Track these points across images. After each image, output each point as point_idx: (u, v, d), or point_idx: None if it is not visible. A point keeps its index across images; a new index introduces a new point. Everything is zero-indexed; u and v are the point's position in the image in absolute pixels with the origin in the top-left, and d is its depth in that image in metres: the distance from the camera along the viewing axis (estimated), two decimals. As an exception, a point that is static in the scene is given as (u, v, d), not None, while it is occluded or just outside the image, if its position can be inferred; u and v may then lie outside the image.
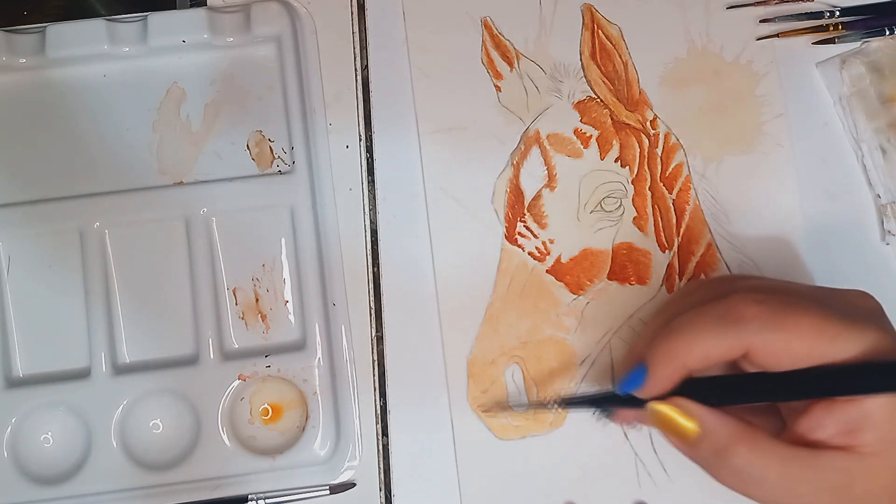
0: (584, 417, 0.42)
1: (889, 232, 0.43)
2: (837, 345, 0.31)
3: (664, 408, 0.34)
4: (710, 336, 0.33)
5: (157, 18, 0.44)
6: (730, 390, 0.34)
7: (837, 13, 0.45)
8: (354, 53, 0.45)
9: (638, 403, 0.35)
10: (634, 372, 0.34)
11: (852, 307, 0.33)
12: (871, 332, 0.31)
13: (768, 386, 0.33)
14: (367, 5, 0.45)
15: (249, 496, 0.41)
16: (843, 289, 0.35)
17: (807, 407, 0.32)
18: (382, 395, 0.43)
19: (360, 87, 0.45)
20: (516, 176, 0.44)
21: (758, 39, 0.45)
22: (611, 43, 0.45)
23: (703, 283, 0.36)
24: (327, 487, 0.41)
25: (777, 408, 0.35)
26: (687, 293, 0.37)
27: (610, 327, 0.43)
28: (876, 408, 0.31)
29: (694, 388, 0.34)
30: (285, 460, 0.41)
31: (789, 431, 0.33)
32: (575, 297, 0.43)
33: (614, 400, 0.37)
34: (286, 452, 0.41)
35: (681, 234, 0.43)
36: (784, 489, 0.32)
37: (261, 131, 0.45)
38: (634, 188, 0.44)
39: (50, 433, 0.42)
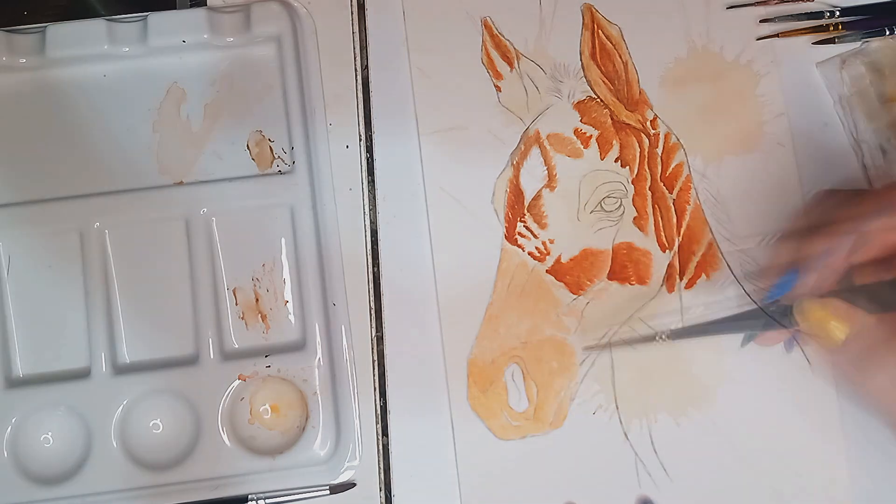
0: (584, 417, 0.42)
1: (889, 232, 0.43)
2: None
3: (816, 307, 0.33)
4: (872, 222, 0.32)
5: (157, 18, 0.44)
6: (884, 293, 0.34)
7: (837, 13, 0.45)
8: (354, 53, 0.45)
9: (772, 320, 0.35)
10: (785, 277, 0.34)
11: None
12: None
13: None
14: (367, 5, 0.45)
15: (249, 496, 0.41)
16: None
17: None
18: (382, 395, 0.43)
19: (360, 87, 0.45)
20: (516, 176, 0.44)
21: (758, 39, 0.45)
22: (611, 43, 0.45)
23: (837, 191, 0.36)
24: (327, 487, 0.41)
25: None
26: (817, 200, 0.37)
27: (610, 327, 0.43)
28: None
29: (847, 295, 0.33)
30: (285, 460, 0.41)
31: None
32: (575, 297, 0.43)
33: (735, 322, 0.36)
34: (286, 452, 0.41)
35: (681, 233, 0.43)
36: None
37: (261, 131, 0.45)
38: (634, 188, 0.44)
39: (50, 433, 0.42)
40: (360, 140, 0.45)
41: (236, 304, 0.43)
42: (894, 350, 0.32)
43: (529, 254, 0.43)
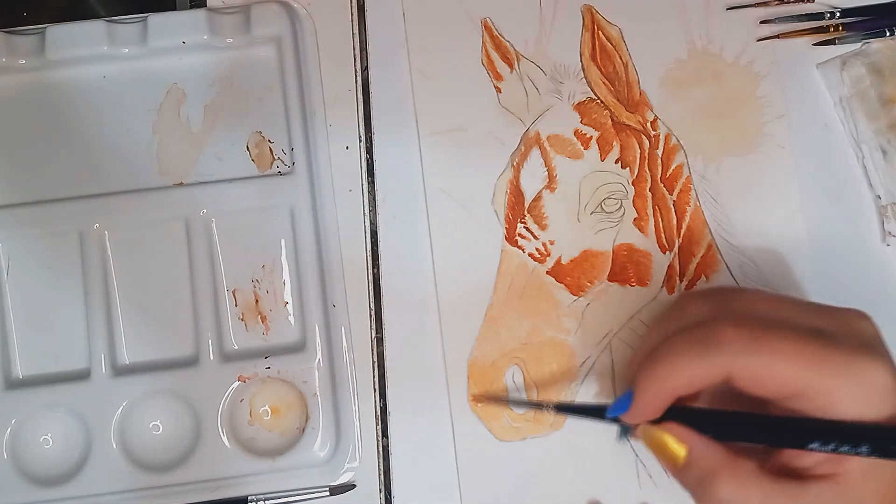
0: (585, 419, 0.42)
1: (889, 233, 0.43)
2: (823, 370, 0.31)
3: (655, 430, 0.35)
4: (691, 360, 0.33)
5: (156, 19, 0.44)
6: (720, 424, 0.34)
7: (838, 14, 0.45)
8: (354, 54, 0.45)
9: (628, 428, 0.36)
10: (622, 397, 0.35)
11: (846, 330, 0.33)
12: (862, 359, 0.31)
13: (767, 429, 0.33)
14: (367, 6, 0.45)
15: (249, 497, 0.41)
16: (839, 308, 0.34)
17: None
18: (382, 396, 0.43)
19: (360, 88, 0.45)
20: (516, 177, 0.44)
21: (758, 40, 0.45)
22: (611, 44, 0.45)
23: (692, 299, 0.36)
24: (327, 489, 0.41)
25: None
26: (674, 311, 0.37)
27: (610, 329, 0.43)
28: None
29: (688, 417, 0.34)
30: (285, 461, 0.41)
31: (775, 458, 0.33)
32: (575, 298, 0.43)
33: (604, 417, 0.37)
34: (286, 454, 0.41)
35: (681, 235, 0.43)
36: None
37: (261, 132, 0.45)
38: (635, 189, 0.44)
39: (50, 434, 0.42)
40: (360, 141, 0.44)
41: (236, 306, 0.43)
42: (723, 479, 0.32)
43: (530, 255, 0.43)
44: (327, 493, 0.41)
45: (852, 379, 0.31)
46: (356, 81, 0.45)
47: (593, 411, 0.38)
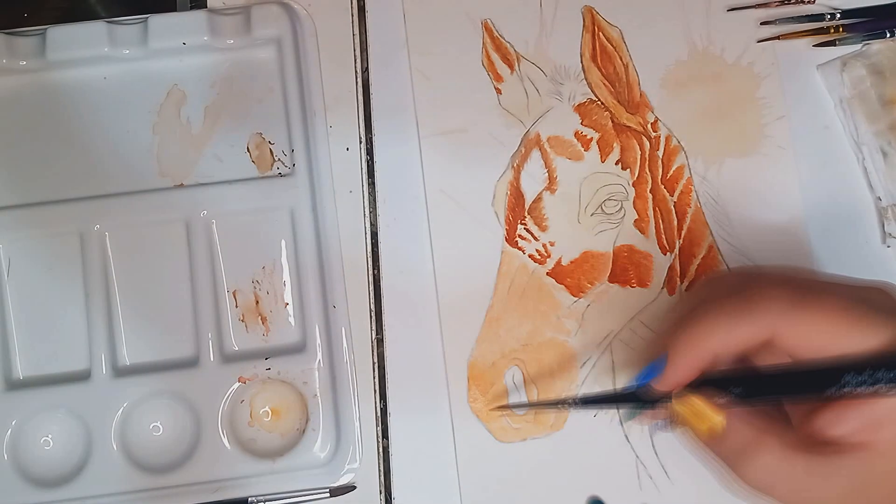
0: (585, 419, 0.42)
1: (889, 234, 0.43)
2: (860, 332, 0.30)
3: (691, 397, 0.33)
4: (733, 321, 0.32)
5: (157, 20, 0.44)
6: (759, 384, 0.33)
7: (838, 15, 0.45)
8: (355, 55, 0.45)
9: (660, 401, 0.34)
10: (654, 363, 0.34)
11: (872, 300, 0.32)
12: (893, 325, 0.31)
13: (798, 379, 0.32)
14: (367, 7, 0.45)
15: (249, 499, 0.41)
16: (863, 280, 0.34)
17: (824, 403, 0.32)
18: (383, 397, 0.43)
19: (360, 89, 0.45)
20: (517, 178, 0.44)
21: (759, 42, 0.45)
22: (611, 45, 0.45)
23: (721, 273, 0.36)
24: (327, 490, 0.41)
25: (784, 412, 0.35)
26: (708, 283, 0.37)
27: (611, 330, 0.43)
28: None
29: (720, 385, 0.33)
30: (285, 463, 0.41)
31: (805, 427, 0.32)
32: (575, 299, 0.43)
33: (634, 398, 0.36)
34: (286, 455, 0.41)
35: (682, 236, 0.43)
36: (802, 491, 0.31)
37: (261, 134, 0.45)
38: (635, 190, 0.44)
39: (50, 435, 0.42)
40: (361, 142, 0.44)
41: (236, 307, 0.43)
42: (763, 450, 0.32)
43: (530, 256, 0.43)
44: (327, 495, 0.41)
45: (890, 338, 0.30)
46: (356, 82, 0.45)
47: (620, 397, 0.37)
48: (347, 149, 0.44)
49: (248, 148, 0.44)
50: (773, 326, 0.31)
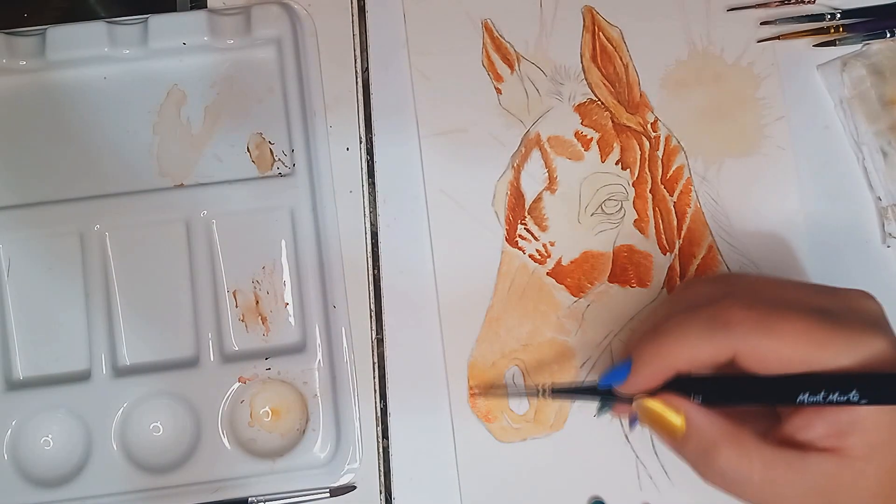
0: (585, 420, 0.42)
1: (890, 234, 0.43)
2: (829, 351, 0.31)
3: (652, 402, 0.34)
4: (697, 338, 0.33)
5: (157, 21, 0.44)
6: (720, 390, 0.34)
7: (838, 15, 0.45)
8: (355, 56, 0.45)
9: (624, 399, 0.35)
10: (619, 366, 0.35)
11: (851, 310, 0.33)
12: (869, 338, 0.31)
13: (758, 389, 0.33)
14: (367, 7, 0.45)
15: (249, 499, 0.41)
16: (843, 289, 0.35)
17: (796, 408, 0.32)
18: (383, 397, 0.43)
19: (360, 89, 0.45)
20: (517, 178, 0.44)
21: (759, 42, 0.45)
22: (611, 45, 0.45)
23: (699, 282, 0.36)
24: (328, 490, 0.41)
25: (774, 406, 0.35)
26: (681, 292, 0.37)
27: (611, 330, 0.43)
28: (866, 412, 0.31)
29: (685, 386, 0.34)
30: (285, 463, 0.41)
31: (778, 430, 0.33)
32: (576, 299, 0.43)
33: (600, 393, 0.36)
34: (286, 455, 0.41)
35: (682, 236, 0.43)
36: (768, 491, 0.32)
37: (261, 133, 0.45)
38: (635, 190, 0.44)
39: (50, 436, 0.42)
40: (361, 142, 0.44)
41: (236, 307, 0.43)
42: (724, 449, 0.32)
43: (530, 256, 0.43)
44: (327, 495, 0.41)
45: (857, 358, 0.31)
46: (357, 82, 0.45)
47: (590, 390, 0.38)
48: (347, 149, 0.44)
49: (248, 148, 0.44)
50: (734, 348, 0.32)
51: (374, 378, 0.43)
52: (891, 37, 0.44)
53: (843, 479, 0.31)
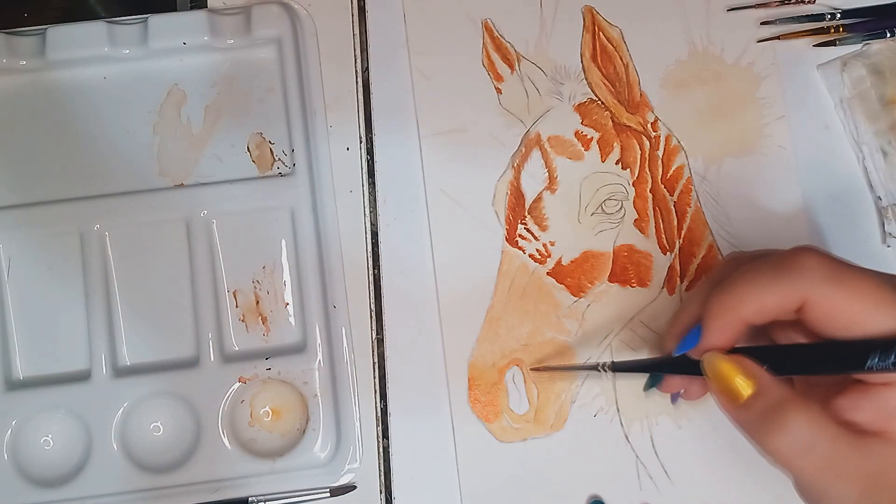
0: (585, 420, 0.42)
1: (890, 234, 0.43)
2: (892, 312, 0.30)
3: (724, 362, 0.33)
4: (766, 284, 0.32)
5: (157, 20, 0.44)
6: (786, 360, 0.33)
7: (838, 15, 0.45)
8: (355, 55, 0.45)
9: (691, 369, 0.34)
10: (690, 332, 0.34)
11: None
12: None
13: (824, 354, 0.32)
14: (367, 7, 0.45)
15: (250, 499, 0.41)
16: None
17: (843, 388, 0.32)
18: (383, 397, 0.43)
19: (360, 89, 0.45)
20: (517, 178, 0.44)
21: (759, 41, 0.45)
22: (611, 45, 0.45)
23: (757, 252, 0.36)
24: (328, 490, 0.41)
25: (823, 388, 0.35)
26: (742, 254, 0.37)
27: (611, 329, 0.43)
28: None
29: (752, 356, 0.33)
30: (286, 463, 0.41)
31: (829, 409, 0.32)
32: (576, 299, 0.43)
33: (667, 365, 0.36)
34: (286, 455, 0.41)
35: (682, 235, 0.43)
36: (827, 464, 0.31)
37: (261, 133, 0.45)
38: (635, 190, 0.44)
39: (50, 435, 0.42)
40: (361, 142, 0.44)
41: (236, 307, 0.43)
42: (793, 413, 0.31)
43: (530, 256, 0.43)
44: (328, 495, 0.41)
45: None
46: (357, 82, 0.45)
47: (654, 364, 0.38)
48: (347, 149, 0.44)
49: (248, 148, 0.44)
50: (806, 293, 0.31)
51: (374, 378, 0.43)
52: (891, 37, 0.44)
53: (892, 462, 0.31)
